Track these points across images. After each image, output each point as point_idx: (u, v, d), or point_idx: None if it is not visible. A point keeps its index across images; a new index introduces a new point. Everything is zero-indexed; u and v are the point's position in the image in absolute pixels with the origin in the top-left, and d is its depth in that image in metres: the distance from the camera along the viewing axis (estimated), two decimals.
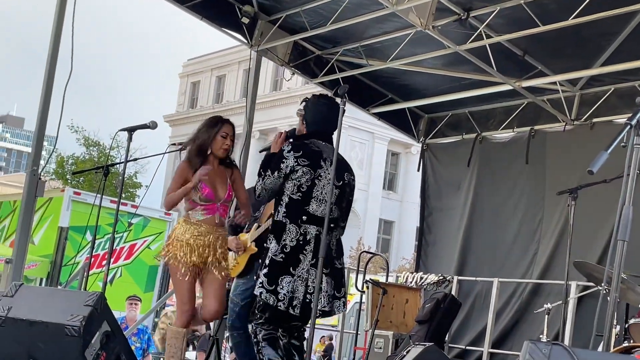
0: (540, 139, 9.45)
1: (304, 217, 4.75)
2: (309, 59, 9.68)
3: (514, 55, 8.27)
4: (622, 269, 3.08)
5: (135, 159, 12.59)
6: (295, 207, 4.77)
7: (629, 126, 3.11)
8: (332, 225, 4.83)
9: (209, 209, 5.14)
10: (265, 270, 4.73)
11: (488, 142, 10.15)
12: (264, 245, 4.95)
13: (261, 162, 4.93)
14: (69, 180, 29.69)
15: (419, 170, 10.98)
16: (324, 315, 4.85)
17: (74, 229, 12.27)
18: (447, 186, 10.61)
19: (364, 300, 8.94)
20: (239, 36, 9.27)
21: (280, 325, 4.91)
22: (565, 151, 9.10)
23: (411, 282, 9.64)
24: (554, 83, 8.73)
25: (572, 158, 8.84)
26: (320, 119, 4.97)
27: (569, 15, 7.11)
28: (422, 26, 7.72)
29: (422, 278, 9.65)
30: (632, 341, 5.66)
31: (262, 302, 4.78)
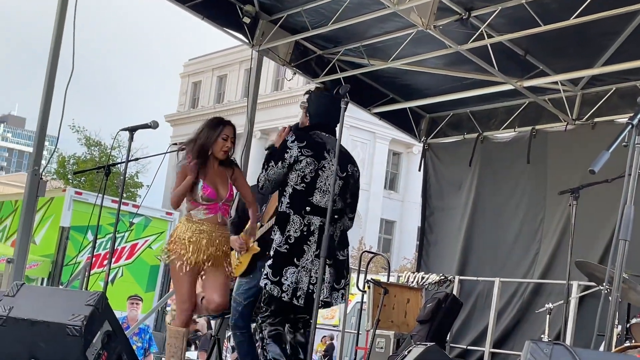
0: (541, 139, 9.44)
1: (308, 208, 4.74)
2: (310, 58, 9.68)
3: (516, 55, 8.26)
4: (624, 268, 3.08)
5: (137, 159, 12.58)
6: (299, 198, 4.76)
7: (630, 126, 3.11)
8: (336, 217, 4.82)
9: (210, 208, 5.13)
10: (269, 261, 4.72)
11: (489, 142, 10.14)
12: (268, 243, 4.93)
13: (265, 157, 4.92)
14: (70, 180, 29.68)
15: (420, 170, 10.98)
16: (325, 306, 4.84)
17: (75, 228, 12.28)
18: (448, 186, 10.60)
19: (365, 300, 8.94)
20: (240, 36, 9.28)
21: (286, 319, 4.91)
22: (566, 151, 9.10)
23: (412, 282, 9.63)
24: (556, 83, 8.73)
25: (574, 158, 8.84)
26: (323, 111, 4.95)
27: (571, 15, 7.10)
28: (424, 26, 7.72)
29: (423, 278, 9.64)
30: (633, 341, 5.66)
31: (267, 295, 4.78)
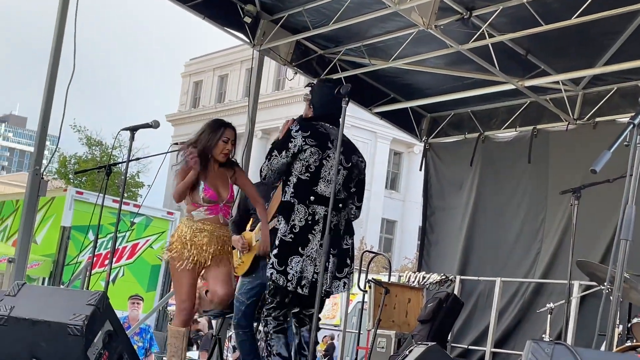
0: (543, 139, 9.44)
1: (312, 198, 4.73)
2: (312, 58, 9.68)
3: (517, 54, 8.26)
4: (625, 268, 3.07)
5: (138, 159, 12.62)
6: (304, 188, 4.75)
7: (632, 125, 3.10)
8: (341, 206, 4.83)
9: (211, 209, 5.12)
10: (275, 251, 4.71)
11: (491, 142, 10.14)
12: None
13: (269, 148, 4.92)
14: (72, 180, 29.68)
15: (421, 170, 10.97)
16: (325, 295, 4.81)
17: (76, 228, 12.29)
18: (449, 185, 10.60)
19: (366, 299, 8.94)
20: (242, 35, 9.28)
21: (293, 314, 4.91)
22: (568, 150, 9.09)
23: (413, 282, 9.62)
24: (557, 82, 8.73)
25: (575, 157, 8.83)
26: (326, 102, 4.92)
27: (572, 15, 7.10)
28: (425, 25, 7.71)
29: (424, 277, 9.63)
30: (634, 340, 5.66)
31: (273, 286, 4.77)
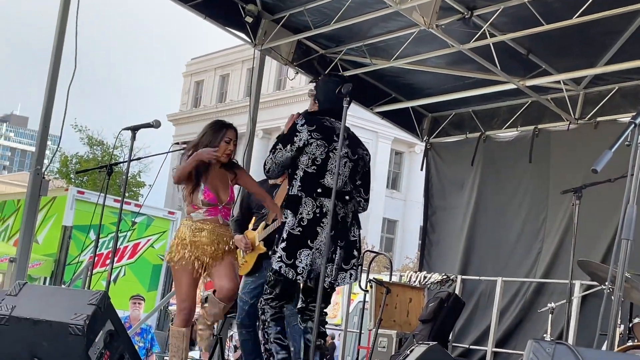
0: (544, 138, 9.43)
1: (319, 190, 4.74)
2: (313, 58, 9.68)
3: (518, 54, 8.26)
4: (626, 268, 3.07)
5: (139, 158, 12.62)
6: (310, 181, 4.76)
7: (633, 125, 3.10)
8: (347, 198, 4.84)
9: (210, 211, 5.13)
10: (283, 244, 4.69)
11: (492, 141, 10.13)
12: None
13: (274, 142, 4.92)
14: (73, 180, 29.69)
15: (422, 170, 10.97)
16: (332, 287, 4.81)
17: (77, 227, 12.28)
18: (450, 185, 10.60)
19: (367, 299, 8.94)
20: (243, 35, 9.28)
21: (289, 302, 4.92)
22: (569, 150, 9.09)
23: (415, 281, 9.62)
24: (558, 82, 8.72)
25: (576, 157, 8.83)
26: (331, 96, 4.91)
27: (573, 14, 7.09)
28: (426, 25, 7.71)
29: (425, 277, 9.63)
30: (636, 340, 5.66)
31: (273, 278, 4.77)
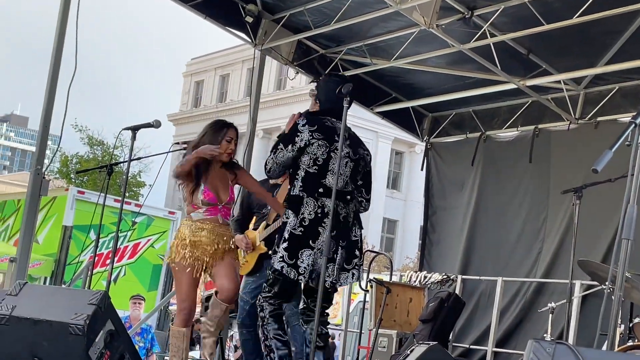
0: (544, 138, 9.43)
1: (321, 190, 4.73)
2: (313, 57, 9.68)
3: (518, 54, 8.25)
4: (627, 267, 3.07)
5: (139, 158, 12.62)
6: (312, 181, 4.75)
7: (633, 125, 3.10)
8: (348, 198, 4.84)
9: (210, 211, 5.13)
10: (285, 244, 4.68)
11: (492, 141, 10.13)
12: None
13: (275, 142, 4.91)
14: (73, 179, 29.69)
15: (422, 169, 10.97)
16: (333, 286, 4.79)
17: (77, 227, 12.29)
18: (451, 185, 10.59)
19: (367, 299, 8.94)
20: (243, 35, 9.28)
21: (288, 301, 4.92)
22: (569, 150, 9.09)
23: (415, 281, 9.62)
24: (559, 82, 8.72)
25: (577, 157, 8.83)
26: (332, 96, 4.90)
27: (574, 14, 7.09)
28: (426, 25, 7.71)
29: (425, 277, 9.62)
30: (636, 340, 5.66)
31: (272, 277, 4.76)
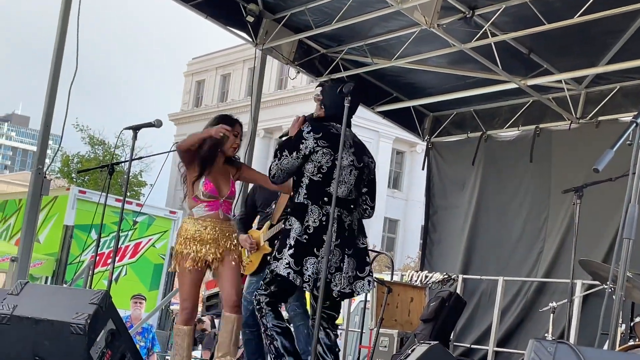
0: (545, 138, 9.43)
1: (325, 199, 4.70)
2: (314, 57, 9.69)
3: (519, 53, 8.25)
4: (628, 267, 3.07)
5: (140, 158, 12.59)
6: (316, 189, 4.72)
7: (634, 124, 3.11)
8: (352, 206, 4.81)
9: (211, 205, 5.12)
10: (291, 251, 4.64)
11: (493, 141, 10.13)
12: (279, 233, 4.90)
13: (278, 145, 4.89)
14: (74, 179, 29.74)
15: (423, 169, 10.97)
16: (344, 296, 4.76)
17: (79, 227, 12.29)
18: (452, 185, 10.59)
19: (368, 298, 8.94)
20: (244, 35, 9.29)
21: (285, 301, 4.90)
22: (570, 149, 9.09)
23: (416, 281, 9.63)
24: (560, 81, 8.72)
25: (578, 156, 8.83)
26: (339, 102, 4.83)
27: (575, 13, 7.09)
28: (427, 24, 7.71)
29: (427, 276, 9.63)
30: (637, 340, 5.66)
31: (270, 277, 4.73)
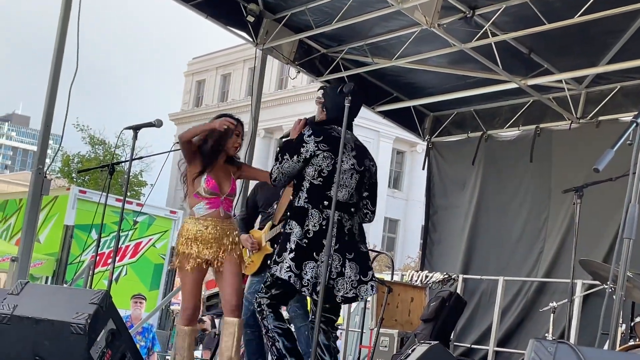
0: (545, 137, 9.43)
1: (326, 202, 4.69)
2: (315, 57, 9.69)
3: (520, 53, 8.25)
4: (628, 267, 3.07)
5: (141, 158, 12.60)
6: (317, 192, 4.72)
7: (635, 124, 3.11)
8: (353, 210, 4.80)
9: (212, 202, 5.12)
10: (292, 254, 4.64)
11: (493, 141, 10.13)
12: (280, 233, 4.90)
13: (279, 148, 4.88)
14: (75, 179, 29.73)
15: (424, 169, 10.98)
16: (348, 301, 4.76)
17: (79, 227, 12.29)
18: (452, 184, 10.59)
19: (369, 298, 8.94)
20: (244, 35, 9.29)
21: (285, 303, 4.89)
22: (571, 149, 9.09)
23: (416, 281, 9.63)
24: (560, 81, 8.71)
25: (578, 156, 8.82)
26: (341, 106, 4.82)
27: (575, 13, 7.09)
28: (428, 24, 7.71)
29: (427, 276, 9.63)
30: (637, 340, 5.66)
31: (270, 280, 4.73)
